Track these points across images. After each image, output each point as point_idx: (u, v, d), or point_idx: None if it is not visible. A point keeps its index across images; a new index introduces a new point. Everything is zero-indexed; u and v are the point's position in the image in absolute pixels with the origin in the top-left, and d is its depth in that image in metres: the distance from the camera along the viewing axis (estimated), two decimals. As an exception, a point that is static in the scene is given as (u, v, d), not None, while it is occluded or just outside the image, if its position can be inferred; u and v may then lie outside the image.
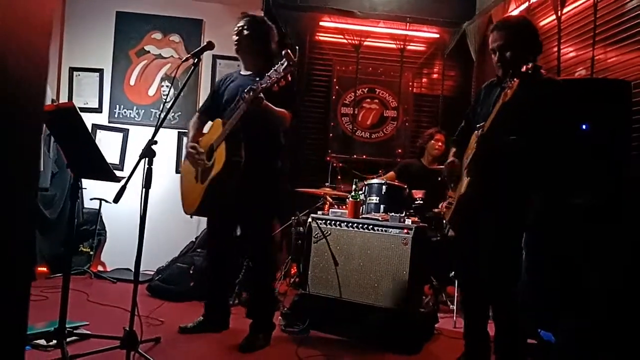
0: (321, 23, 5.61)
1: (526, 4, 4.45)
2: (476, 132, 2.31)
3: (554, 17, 4.04)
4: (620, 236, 2.56)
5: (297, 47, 2.59)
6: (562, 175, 2.75)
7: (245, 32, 2.86)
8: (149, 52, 4.91)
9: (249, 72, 2.91)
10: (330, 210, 3.39)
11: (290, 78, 2.54)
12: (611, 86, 2.98)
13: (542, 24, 4.31)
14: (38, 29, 1.13)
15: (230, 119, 2.64)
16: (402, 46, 5.65)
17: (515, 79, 2.13)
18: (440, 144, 4.41)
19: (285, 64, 2.50)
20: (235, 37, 2.89)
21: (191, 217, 2.91)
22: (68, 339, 2.35)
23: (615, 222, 2.64)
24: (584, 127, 2.80)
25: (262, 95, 2.54)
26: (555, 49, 3.98)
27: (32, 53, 1.12)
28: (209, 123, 2.95)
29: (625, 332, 2.30)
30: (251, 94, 2.53)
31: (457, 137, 2.65)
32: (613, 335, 2.30)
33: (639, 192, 2.75)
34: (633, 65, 3.12)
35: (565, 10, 3.94)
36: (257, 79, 2.59)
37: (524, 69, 2.14)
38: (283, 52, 2.52)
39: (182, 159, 3.06)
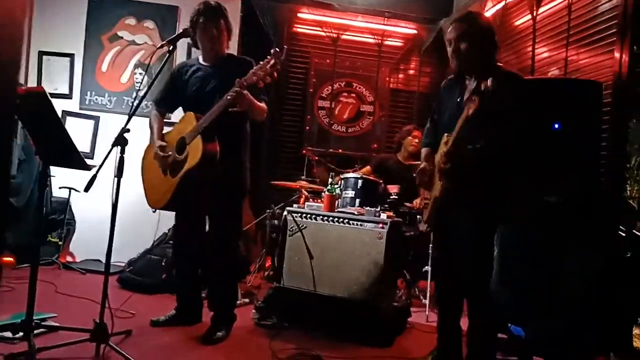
0: (299, 15, 5.57)
1: (502, 3, 4.50)
2: (445, 136, 2.32)
3: (529, 17, 4.11)
4: (590, 234, 2.63)
5: (285, 47, 2.56)
6: (535, 173, 2.81)
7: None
8: (122, 38, 4.79)
9: (210, 63, 2.84)
10: (306, 203, 3.38)
11: (276, 76, 2.51)
12: (583, 86, 3.04)
13: (517, 23, 4.37)
14: (12, 3, 1.07)
15: (208, 113, 2.60)
16: (379, 41, 5.66)
17: (488, 82, 2.13)
18: (417, 140, 4.45)
19: (273, 62, 2.47)
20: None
21: (154, 211, 2.85)
22: (35, 331, 2.29)
23: (586, 220, 2.71)
24: (556, 126, 2.86)
25: (246, 91, 2.50)
26: (530, 48, 4.04)
27: (7, 31, 1.06)
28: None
29: (594, 327, 2.36)
30: (236, 90, 2.49)
31: (426, 140, 2.66)
32: (581, 330, 2.36)
33: (610, 191, 2.83)
34: (604, 67, 3.19)
35: (540, 10, 4.00)
36: (235, 75, 2.53)
37: (482, 87, 2.13)
38: (272, 51, 2.50)
39: (143, 151, 2.97)
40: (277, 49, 2.49)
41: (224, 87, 2.62)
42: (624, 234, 2.61)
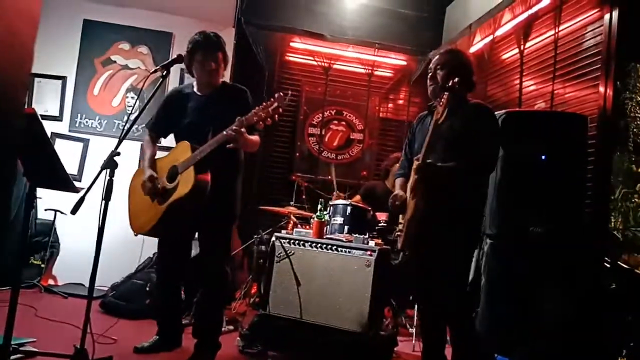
0: (291, 44, 5.67)
1: (490, 37, 4.62)
2: (416, 158, 2.36)
3: (516, 50, 4.21)
4: (575, 265, 2.65)
5: (289, 92, 2.59)
6: (521, 204, 2.84)
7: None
8: (115, 62, 4.82)
9: (205, 93, 2.84)
10: (295, 229, 3.37)
11: (277, 119, 2.53)
12: (569, 119, 3.11)
13: (505, 57, 4.47)
14: (25, 18, 1.05)
15: (204, 146, 2.59)
16: (370, 71, 5.75)
17: (444, 94, 2.28)
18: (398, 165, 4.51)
19: (275, 105, 2.49)
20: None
21: (136, 235, 2.83)
22: (13, 357, 2.23)
23: (571, 250, 2.73)
24: (543, 157, 2.90)
25: (244, 129, 2.52)
26: (518, 81, 4.13)
27: (18, 44, 1.04)
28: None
29: (580, 358, 2.35)
30: (235, 129, 2.50)
31: (399, 171, 2.71)
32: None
33: (594, 222, 2.85)
34: (589, 101, 3.27)
35: (527, 45, 4.10)
36: (237, 114, 2.55)
37: (450, 83, 2.32)
38: (276, 95, 2.51)
39: (131, 176, 2.96)
40: (281, 93, 2.51)
41: (219, 118, 2.63)
42: (608, 265, 2.62)
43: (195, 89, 2.88)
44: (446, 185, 2.31)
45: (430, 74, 2.52)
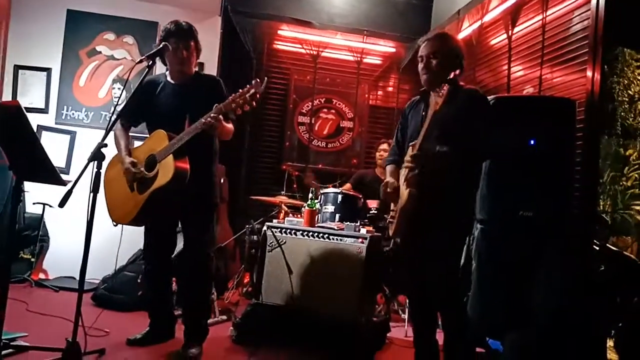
0: (279, 32, 5.62)
1: (479, 22, 4.61)
2: (411, 145, 2.36)
3: (505, 36, 4.20)
4: (564, 248, 2.67)
5: (265, 78, 2.57)
6: (510, 187, 2.85)
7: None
8: (100, 52, 4.76)
9: (178, 82, 2.83)
10: (286, 218, 3.37)
11: (254, 105, 2.52)
12: (557, 104, 3.12)
13: (493, 42, 4.47)
14: None
15: (182, 134, 2.58)
16: (359, 58, 5.73)
17: (444, 87, 2.25)
18: (380, 152, 4.53)
19: (252, 91, 2.48)
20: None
21: (115, 225, 2.81)
22: (4, 352, 2.22)
23: (560, 235, 2.76)
24: (531, 142, 2.92)
25: (220, 117, 2.51)
26: (506, 67, 4.13)
27: None
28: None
29: (569, 341, 2.39)
30: (214, 117, 2.49)
31: (390, 157, 2.69)
32: (558, 344, 2.38)
33: (583, 205, 2.88)
34: (577, 85, 3.27)
35: (515, 30, 4.10)
36: (214, 100, 2.53)
37: (451, 75, 2.31)
38: (252, 81, 2.50)
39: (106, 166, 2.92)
40: (257, 80, 2.50)
41: (194, 107, 2.63)
42: (597, 248, 2.65)
43: (168, 78, 2.87)
44: (441, 173, 2.30)
45: (423, 63, 2.47)
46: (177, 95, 2.80)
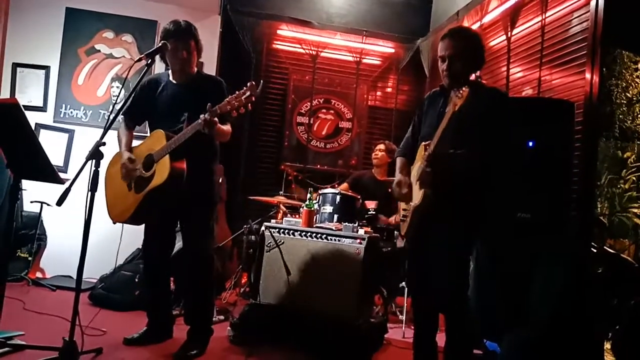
0: (279, 31, 5.62)
1: (478, 24, 4.61)
2: (424, 144, 2.34)
3: (504, 37, 4.21)
4: (561, 250, 2.67)
5: (262, 81, 2.57)
6: (508, 189, 2.85)
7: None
8: (99, 51, 4.75)
9: (180, 81, 2.82)
10: (284, 219, 3.36)
11: (250, 107, 2.52)
12: (556, 106, 3.12)
13: (492, 44, 4.47)
14: None
15: (179, 135, 2.59)
16: (358, 59, 5.73)
17: (464, 88, 2.18)
18: (376, 153, 4.53)
19: (248, 94, 2.48)
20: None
21: (114, 223, 2.81)
22: (1, 350, 2.22)
23: (557, 238, 2.76)
24: (530, 144, 2.92)
25: (216, 118, 2.51)
26: (505, 68, 4.13)
27: None
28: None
29: (566, 343, 2.39)
30: (207, 118, 2.48)
31: (401, 150, 2.67)
32: (555, 346, 2.38)
33: (581, 208, 2.88)
34: (576, 87, 3.28)
35: (514, 32, 4.10)
36: (208, 101, 2.53)
37: (472, 77, 2.26)
38: (248, 83, 2.50)
39: (108, 163, 2.92)
40: (253, 82, 2.51)
41: (193, 107, 2.63)
42: (595, 250, 2.66)
43: (170, 78, 2.87)
44: (456, 174, 2.28)
45: (445, 63, 2.39)
46: (178, 95, 2.79)
